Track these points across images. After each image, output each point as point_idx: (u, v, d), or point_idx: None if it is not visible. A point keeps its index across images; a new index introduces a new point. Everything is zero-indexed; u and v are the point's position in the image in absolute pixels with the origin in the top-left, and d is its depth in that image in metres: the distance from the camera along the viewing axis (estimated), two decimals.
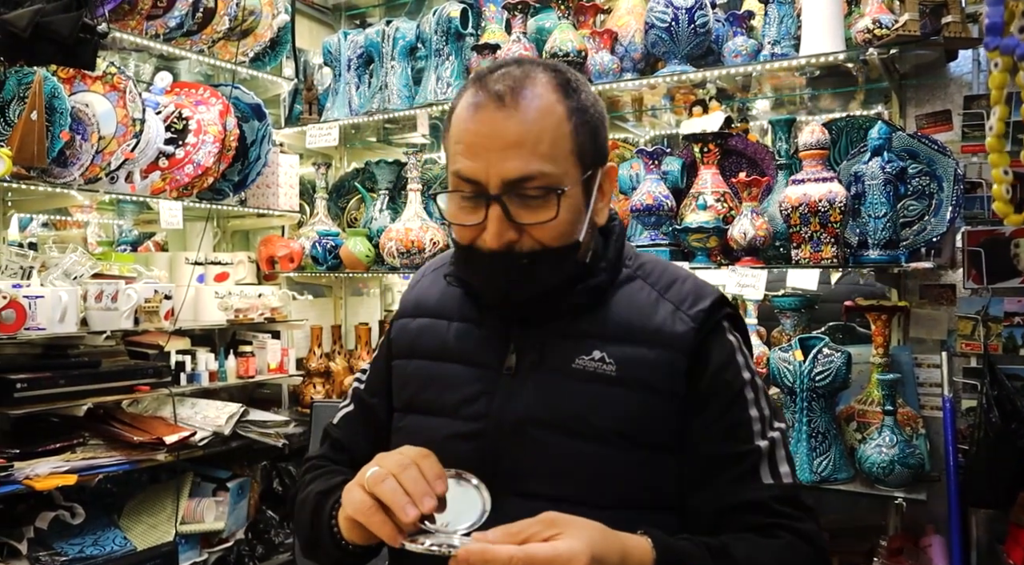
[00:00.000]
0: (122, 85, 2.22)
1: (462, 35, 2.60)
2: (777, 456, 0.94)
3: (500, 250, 0.91)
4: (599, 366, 0.95)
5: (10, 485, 1.91)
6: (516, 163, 0.89)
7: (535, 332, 0.99)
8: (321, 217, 2.91)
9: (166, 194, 2.45)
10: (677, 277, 1.02)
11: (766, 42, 2.12)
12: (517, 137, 0.89)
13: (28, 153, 1.99)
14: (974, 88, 2.04)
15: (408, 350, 1.08)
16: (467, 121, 0.92)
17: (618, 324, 0.97)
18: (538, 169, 0.89)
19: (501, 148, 0.89)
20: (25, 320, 1.99)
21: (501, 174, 0.89)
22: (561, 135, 0.91)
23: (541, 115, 0.90)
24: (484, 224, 0.91)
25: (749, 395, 0.96)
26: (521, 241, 0.91)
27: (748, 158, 2.26)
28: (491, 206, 0.90)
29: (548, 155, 0.90)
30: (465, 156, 0.91)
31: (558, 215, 0.90)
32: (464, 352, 1.02)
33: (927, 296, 2.09)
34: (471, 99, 0.92)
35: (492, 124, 0.90)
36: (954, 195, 1.93)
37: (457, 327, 1.04)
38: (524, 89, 0.91)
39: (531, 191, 0.89)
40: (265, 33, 2.79)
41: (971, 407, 1.95)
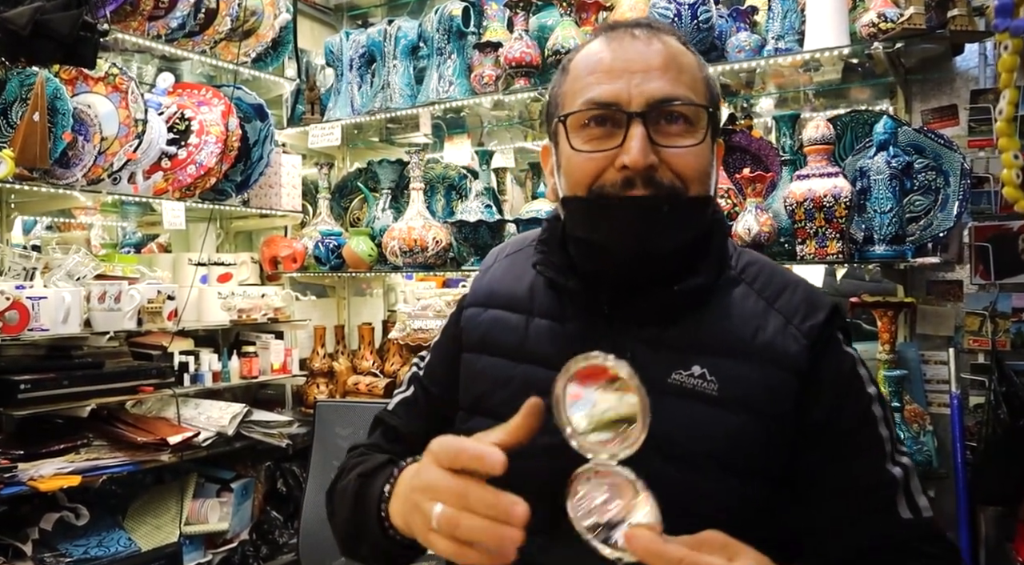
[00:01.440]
0: (124, 86, 2.22)
1: (464, 33, 2.59)
2: (912, 486, 0.84)
3: (633, 177, 0.83)
4: (699, 383, 0.84)
5: (14, 486, 1.91)
6: (661, 83, 0.84)
7: (626, 336, 0.88)
8: (324, 217, 2.91)
9: (169, 195, 2.45)
10: (787, 284, 0.91)
11: (770, 37, 2.10)
12: (662, 61, 0.85)
13: (31, 154, 1.99)
14: (980, 82, 2.03)
15: (479, 344, 0.98)
16: (598, 53, 0.87)
17: (722, 336, 0.87)
18: (684, 93, 0.84)
19: (644, 70, 0.84)
20: (28, 321, 1.99)
21: (645, 93, 0.83)
22: (699, 76, 0.88)
23: (679, 51, 0.87)
24: (620, 147, 0.83)
25: (877, 412, 0.86)
26: (660, 171, 0.83)
27: (752, 154, 2.25)
28: (632, 125, 0.83)
29: (691, 85, 0.86)
30: (601, 81, 0.85)
31: (704, 139, 0.85)
32: (545, 352, 0.92)
33: (934, 292, 2.07)
34: (604, 39, 0.88)
35: (631, 50, 0.86)
36: (961, 190, 1.92)
37: (538, 323, 0.94)
38: (657, 32, 0.88)
39: (677, 112, 0.84)
40: (267, 33, 2.78)
41: (979, 404, 1.94)
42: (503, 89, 2.48)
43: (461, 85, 2.57)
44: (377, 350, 2.88)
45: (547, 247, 0.96)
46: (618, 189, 0.84)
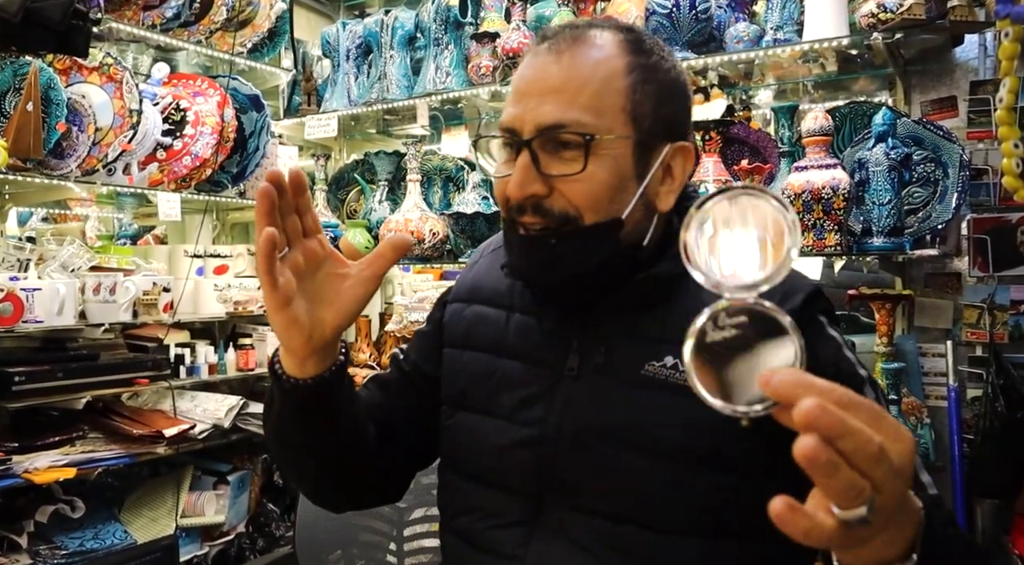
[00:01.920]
0: (119, 76, 2.20)
1: (461, 24, 2.58)
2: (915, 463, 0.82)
3: (522, 203, 0.84)
4: (671, 374, 0.84)
5: (9, 479, 1.90)
6: (551, 108, 0.83)
7: (599, 330, 0.89)
8: (320, 208, 2.89)
9: (164, 186, 2.43)
10: None
11: (768, 28, 2.09)
12: (559, 82, 0.83)
13: (24, 145, 1.98)
14: (980, 73, 2.02)
15: (462, 339, 1.00)
16: (521, 69, 0.88)
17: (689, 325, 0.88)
18: (575, 118, 0.82)
19: (540, 93, 0.84)
20: (23, 313, 1.98)
21: (535, 119, 0.83)
22: (612, 88, 0.84)
23: (592, 64, 0.84)
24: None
25: (869, 394, 0.81)
26: (551, 198, 0.83)
27: (750, 146, 2.24)
28: (521, 152, 0.84)
29: (590, 105, 0.83)
30: (510, 103, 0.87)
31: (585, 168, 0.82)
32: (523, 348, 0.93)
33: (932, 284, 2.06)
34: (532, 50, 0.88)
35: (538, 69, 0.85)
36: (960, 182, 1.91)
37: (517, 319, 0.96)
38: (581, 39, 0.85)
39: (563, 139, 0.82)
40: (263, 23, 2.76)
41: (976, 396, 1.93)
42: (500, 80, 2.47)
43: (458, 76, 2.56)
44: (374, 343, 2.87)
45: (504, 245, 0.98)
46: (514, 213, 0.86)
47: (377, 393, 1.04)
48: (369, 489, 1.03)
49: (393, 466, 1.02)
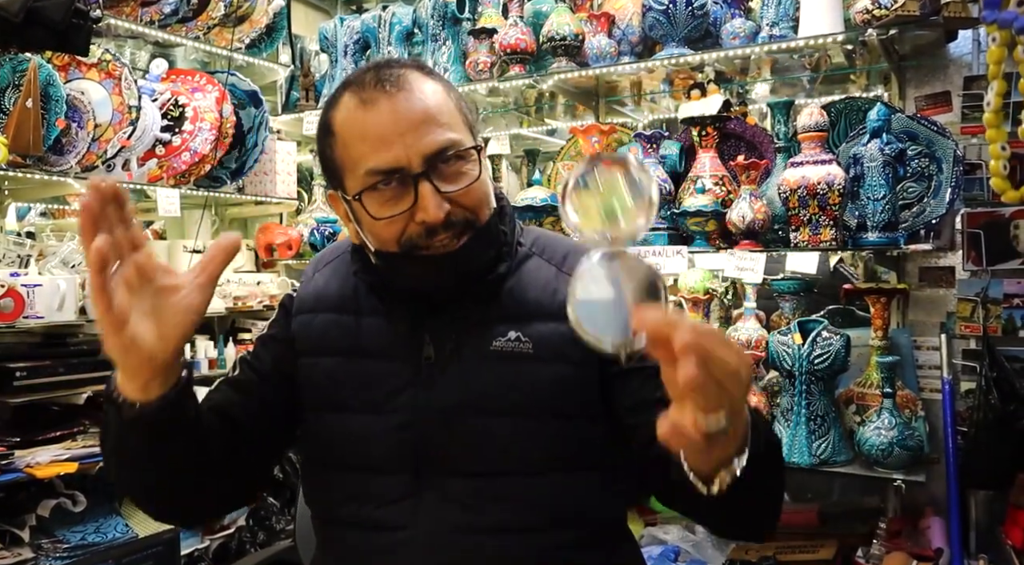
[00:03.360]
0: (117, 72, 2.20)
1: (459, 20, 2.58)
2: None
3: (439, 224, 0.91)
4: (516, 346, 0.97)
5: (11, 473, 1.91)
6: (430, 136, 0.91)
7: (447, 321, 0.99)
8: (319, 204, 2.91)
9: (163, 182, 2.44)
10: (569, 249, 1.04)
11: (764, 24, 2.10)
12: (422, 113, 0.92)
13: (24, 141, 1.99)
14: (974, 69, 2.03)
15: (315, 348, 1.04)
16: (362, 119, 0.92)
17: (526, 304, 0.99)
18: (449, 138, 0.92)
19: (410, 128, 0.91)
20: (23, 309, 1.99)
21: (421, 151, 0.90)
22: (450, 108, 0.95)
23: (430, 92, 0.94)
24: (415, 208, 0.91)
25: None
26: (453, 212, 0.93)
27: (747, 141, 2.25)
28: (420, 184, 0.90)
29: (450, 125, 0.93)
30: (377, 149, 0.91)
31: (480, 174, 0.94)
32: (379, 347, 1.01)
33: (926, 278, 2.08)
34: (354, 101, 0.93)
35: (391, 110, 0.91)
36: (953, 177, 1.92)
37: (367, 322, 1.03)
38: (401, 76, 0.93)
39: (452, 158, 0.92)
40: (261, 19, 2.77)
41: (970, 389, 1.95)
42: (498, 76, 2.48)
43: (456, 72, 2.56)
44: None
45: (361, 265, 1.04)
46: (423, 239, 0.93)
47: (231, 393, 1.04)
48: (218, 498, 1.04)
49: (246, 467, 1.03)
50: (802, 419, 1.91)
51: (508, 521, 0.95)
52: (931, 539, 1.90)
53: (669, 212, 2.17)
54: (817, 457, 1.89)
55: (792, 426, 1.92)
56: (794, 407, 1.92)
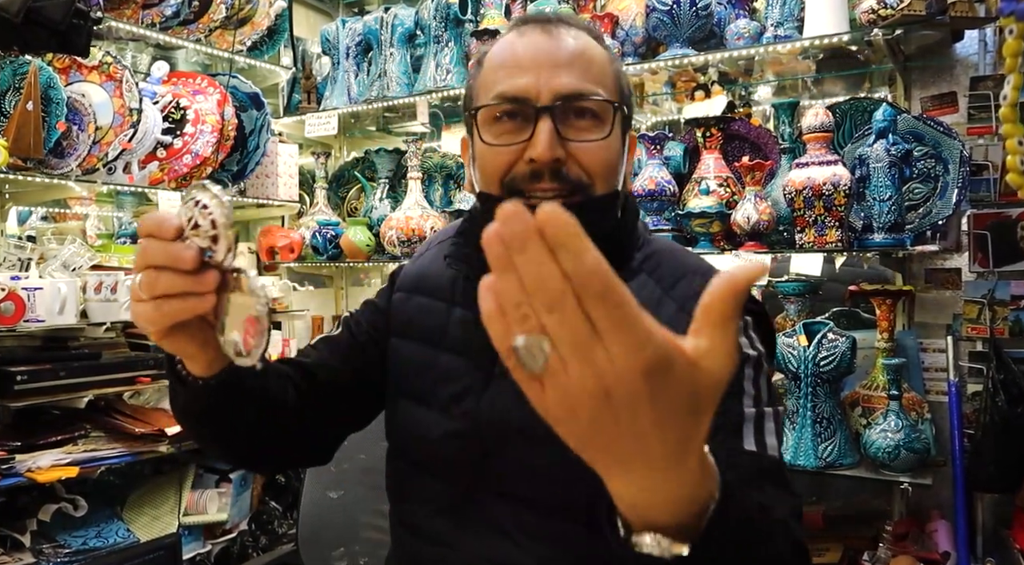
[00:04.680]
0: (119, 75, 2.20)
1: (461, 21, 2.57)
2: (765, 427, 0.82)
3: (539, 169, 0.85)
4: None
5: (12, 478, 1.90)
6: (569, 78, 0.86)
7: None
8: (321, 207, 2.90)
9: (164, 184, 2.43)
10: (687, 271, 0.92)
11: (769, 24, 2.09)
12: (570, 56, 0.87)
13: (24, 144, 1.98)
14: (980, 69, 2.02)
15: (404, 329, 1.02)
16: (510, 47, 0.89)
17: None
18: (592, 88, 0.86)
19: (552, 65, 0.86)
20: (24, 312, 1.98)
21: (554, 88, 0.85)
22: (609, 70, 0.90)
23: (590, 46, 0.89)
24: (529, 141, 0.85)
25: (748, 370, 0.84)
26: (568, 165, 0.86)
27: (751, 142, 2.24)
28: (540, 119, 0.85)
29: (600, 79, 0.88)
30: (511, 75, 0.87)
31: (611, 133, 0.87)
32: (462, 343, 0.96)
33: (932, 280, 2.07)
34: (511, 34, 0.90)
35: (543, 45, 0.87)
36: (960, 178, 1.91)
37: (457, 313, 0.98)
38: (567, 26, 0.89)
39: (585, 107, 0.86)
40: (262, 21, 2.76)
41: (977, 391, 1.94)
42: None
43: (459, 73, 2.55)
44: None
45: (464, 239, 0.98)
46: (527, 182, 0.86)
47: (325, 353, 1.04)
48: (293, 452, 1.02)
49: (326, 427, 1.03)
50: (808, 421, 1.89)
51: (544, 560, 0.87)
52: (937, 542, 1.89)
53: (674, 214, 2.16)
54: (823, 459, 1.88)
55: (798, 428, 1.90)
56: (800, 409, 1.91)
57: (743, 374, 0.85)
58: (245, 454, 0.98)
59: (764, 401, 0.84)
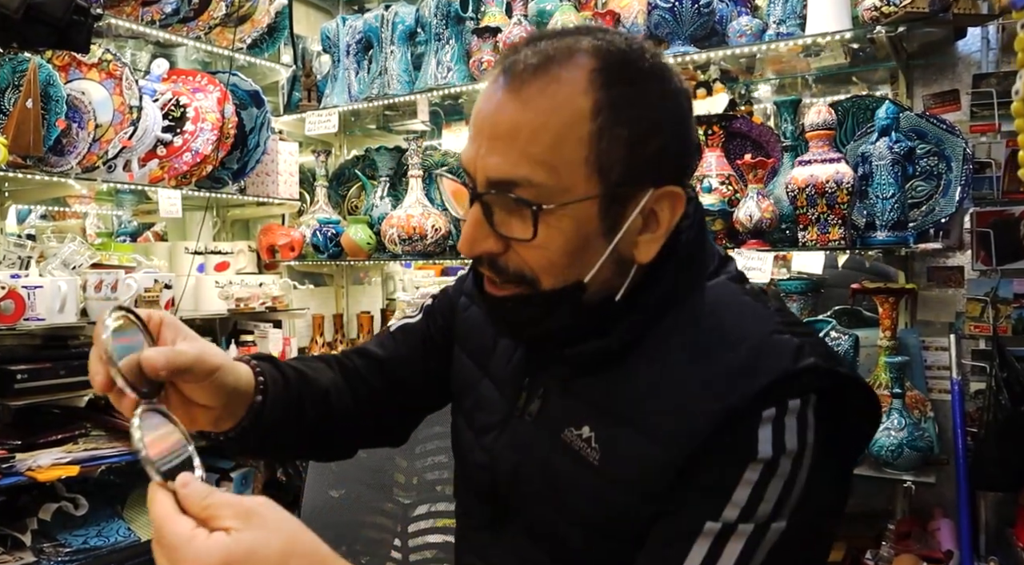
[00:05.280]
0: (118, 72, 2.19)
1: (462, 19, 2.57)
2: (726, 551, 0.67)
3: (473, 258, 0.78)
4: (584, 447, 0.77)
5: (12, 477, 1.89)
6: (499, 160, 0.72)
7: (545, 376, 0.84)
8: (321, 205, 2.89)
9: (164, 182, 2.42)
10: (732, 340, 0.73)
11: (771, 21, 2.09)
12: (510, 127, 0.71)
13: (24, 142, 1.97)
14: (983, 67, 2.01)
15: (463, 339, 0.99)
16: (480, 97, 0.77)
17: (624, 399, 0.76)
18: (525, 175, 0.71)
19: (491, 137, 0.73)
20: (24, 311, 1.97)
21: (483, 170, 0.73)
22: (572, 137, 0.70)
23: (550, 106, 0.70)
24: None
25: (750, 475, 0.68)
26: (507, 256, 0.75)
27: (753, 140, 2.23)
28: (473, 203, 0.75)
29: (542, 159, 0.70)
30: (469, 138, 0.77)
31: (535, 235, 0.72)
32: (500, 372, 0.91)
33: (935, 278, 2.06)
34: (492, 73, 0.76)
35: (492, 105, 0.73)
36: (963, 175, 1.91)
37: (503, 342, 0.93)
38: (544, 69, 0.71)
39: (512, 200, 0.72)
40: (262, 19, 2.75)
41: (980, 390, 1.94)
42: None
43: (459, 71, 2.55)
44: None
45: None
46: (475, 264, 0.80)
47: (402, 346, 1.02)
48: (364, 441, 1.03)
49: (400, 415, 1.04)
50: None
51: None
52: (940, 541, 1.88)
53: None
54: None
55: None
56: None
57: (738, 478, 0.69)
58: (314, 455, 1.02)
59: (755, 518, 0.68)
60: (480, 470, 0.90)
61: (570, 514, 0.79)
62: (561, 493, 0.79)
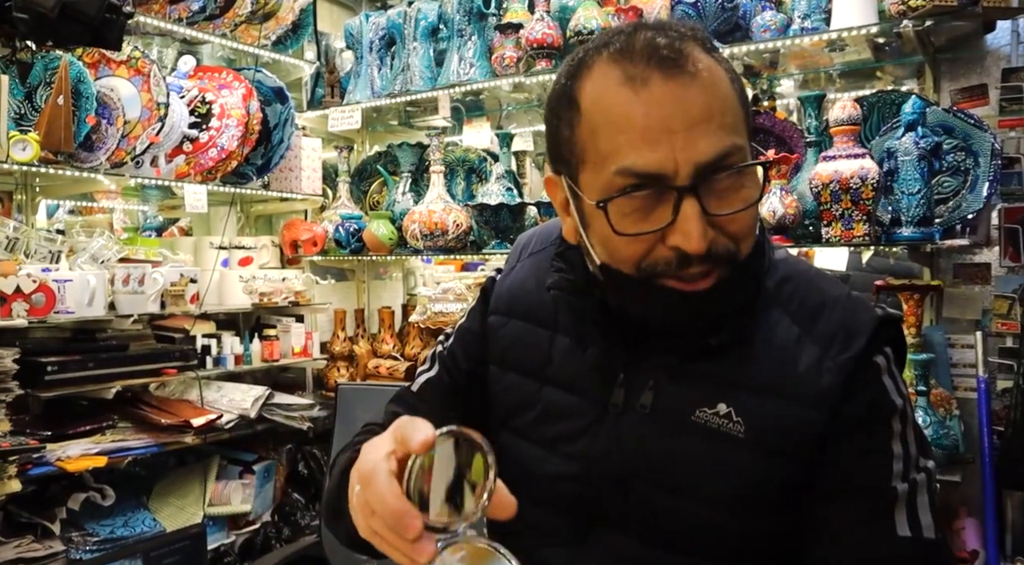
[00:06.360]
0: (146, 69, 2.22)
1: (485, 15, 2.57)
2: (919, 502, 0.76)
3: (700, 255, 0.72)
4: (724, 423, 0.79)
5: (43, 466, 1.93)
6: (708, 141, 0.71)
7: (647, 365, 0.83)
8: (344, 200, 2.91)
9: (190, 178, 2.45)
10: (824, 302, 0.81)
11: (796, 16, 2.07)
12: (704, 109, 0.71)
13: (55, 138, 2.01)
14: (1012, 61, 1.99)
15: (502, 358, 0.94)
16: (625, 102, 0.72)
17: (751, 371, 0.79)
18: (733, 142, 0.72)
19: (687, 127, 0.70)
20: (54, 304, 2.01)
21: (692, 159, 0.70)
22: (736, 99, 0.75)
23: (716, 79, 0.73)
24: (671, 228, 0.72)
25: (895, 427, 0.78)
26: (715, 241, 0.73)
27: (776, 136, 2.22)
28: (684, 200, 0.71)
29: (733, 125, 0.73)
30: (636, 146, 0.71)
31: (761, 196, 0.75)
32: (568, 376, 0.87)
33: (961, 275, 2.04)
34: (617, 73, 0.73)
35: (666, 99, 0.70)
36: (991, 171, 1.88)
37: (561, 342, 0.89)
38: (683, 51, 0.72)
39: (730, 172, 0.72)
40: (287, 16, 2.78)
41: (1006, 388, 1.91)
42: (524, 71, 2.47)
43: (482, 67, 2.55)
44: (397, 333, 2.88)
45: (565, 271, 0.88)
46: (671, 268, 0.74)
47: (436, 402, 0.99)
48: None
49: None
50: None
51: None
52: (966, 540, 1.86)
53: None
54: None
55: None
56: None
57: (891, 433, 0.78)
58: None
59: (914, 462, 0.77)
60: (564, 481, 0.85)
61: (711, 495, 0.79)
62: (695, 476, 0.79)
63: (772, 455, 0.78)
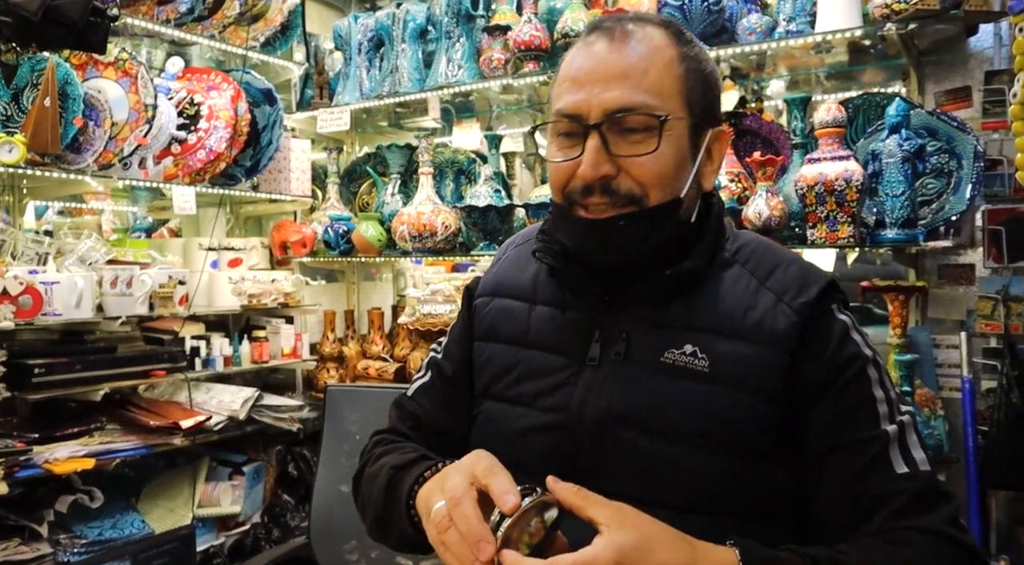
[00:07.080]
0: (134, 71, 2.22)
1: (473, 17, 2.58)
2: (909, 440, 0.84)
3: (590, 184, 0.87)
4: (690, 361, 0.88)
5: (30, 469, 1.93)
6: (618, 92, 0.86)
7: (620, 320, 0.93)
8: (333, 202, 2.91)
9: (179, 180, 2.45)
10: (780, 262, 0.93)
11: (781, 19, 2.08)
12: (623, 69, 0.87)
13: (42, 139, 2.00)
14: (995, 63, 2.00)
15: (487, 333, 1.04)
16: (575, 59, 0.91)
17: (713, 316, 0.89)
18: (642, 100, 0.86)
19: (605, 79, 0.87)
20: (42, 306, 2.01)
21: (602, 104, 0.86)
22: (670, 74, 0.89)
23: (650, 51, 0.88)
24: (580, 158, 0.88)
25: (872, 374, 0.87)
26: (619, 179, 0.87)
27: (763, 138, 2.23)
28: (589, 136, 0.87)
29: (654, 89, 0.87)
30: (569, 91, 0.89)
31: (659, 147, 0.86)
32: (545, 338, 0.97)
33: (945, 276, 2.06)
34: (583, 42, 0.92)
35: (600, 58, 0.88)
36: (974, 173, 1.90)
37: (540, 311, 0.99)
38: (636, 28, 0.90)
39: (632, 122, 0.86)
40: (275, 17, 2.78)
41: (991, 388, 1.93)
42: (512, 73, 2.47)
43: (470, 69, 2.56)
44: (387, 335, 2.89)
45: (548, 236, 1.00)
46: (580, 196, 0.89)
47: (429, 407, 1.08)
48: None
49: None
50: None
51: None
52: None
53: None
54: None
55: None
56: None
57: (869, 379, 0.86)
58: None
59: (896, 404, 0.86)
60: (540, 432, 0.93)
61: (681, 432, 0.86)
62: (667, 412, 0.87)
63: (736, 388, 0.86)
